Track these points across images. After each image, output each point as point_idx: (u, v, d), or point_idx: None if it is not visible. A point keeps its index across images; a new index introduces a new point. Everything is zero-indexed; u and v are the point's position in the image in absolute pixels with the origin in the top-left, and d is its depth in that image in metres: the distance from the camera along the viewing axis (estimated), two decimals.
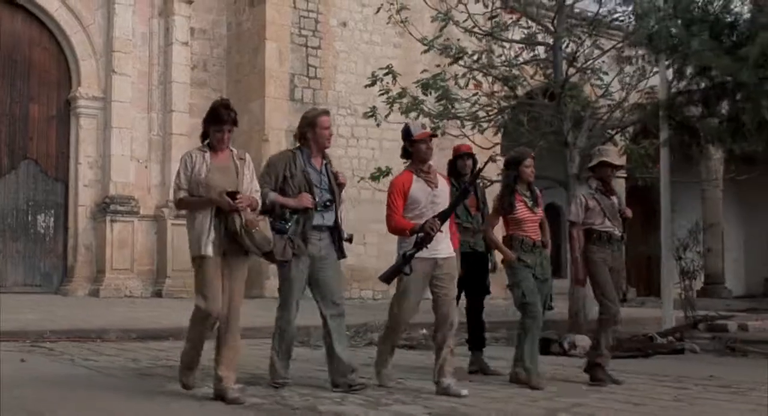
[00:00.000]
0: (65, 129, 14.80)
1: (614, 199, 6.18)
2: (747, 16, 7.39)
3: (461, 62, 11.49)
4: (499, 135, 12.88)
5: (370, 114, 11.74)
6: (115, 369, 6.27)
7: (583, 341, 7.90)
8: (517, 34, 12.31)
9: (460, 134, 11.40)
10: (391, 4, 11.59)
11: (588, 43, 11.82)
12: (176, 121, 15.27)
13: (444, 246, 5.31)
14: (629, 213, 6.20)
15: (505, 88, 11.46)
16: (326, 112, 5.50)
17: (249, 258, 4.94)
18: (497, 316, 9.49)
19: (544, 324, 6.18)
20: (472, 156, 6.86)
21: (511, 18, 12.24)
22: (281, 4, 15.49)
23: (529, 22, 11.94)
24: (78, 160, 14.68)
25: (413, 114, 11.75)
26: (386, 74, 11.56)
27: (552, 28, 11.58)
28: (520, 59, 12.23)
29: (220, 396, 4.77)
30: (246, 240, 4.70)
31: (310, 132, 5.29)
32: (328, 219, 5.27)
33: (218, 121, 4.81)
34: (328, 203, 5.25)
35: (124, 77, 14.84)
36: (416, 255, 5.21)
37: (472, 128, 11.79)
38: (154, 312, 11.20)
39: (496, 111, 11.83)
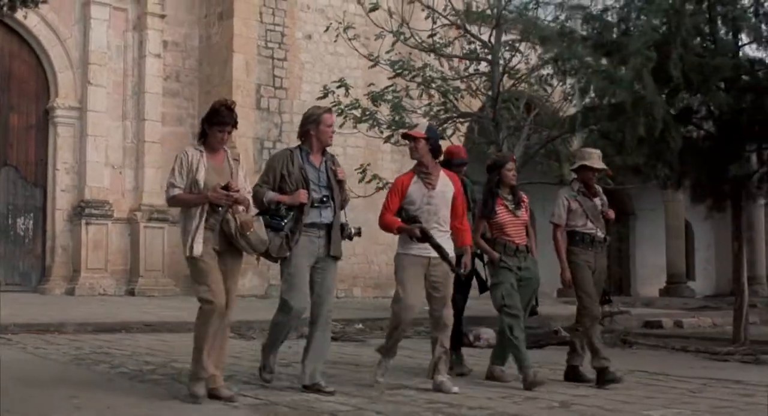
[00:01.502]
0: (44, 137, 15.70)
1: (597, 200, 6.19)
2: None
3: (405, 76, 12.37)
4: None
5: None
6: (57, 355, 7.13)
7: (487, 334, 8.75)
8: (459, 50, 13.22)
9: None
10: (339, 23, 12.49)
11: (531, 56, 12.71)
12: (149, 129, 16.19)
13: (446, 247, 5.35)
14: (612, 214, 6.23)
15: (444, 100, 12.30)
16: (330, 110, 5.56)
17: (243, 257, 4.93)
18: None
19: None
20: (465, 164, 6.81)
21: (460, 33, 13.12)
22: (248, 18, 16.39)
23: (471, 37, 12.84)
24: (56, 166, 15.59)
25: (365, 124, 12.70)
26: (339, 87, 12.44)
27: (490, 44, 12.48)
28: (462, 73, 13.13)
29: (213, 395, 4.73)
30: (241, 242, 4.70)
31: (314, 129, 5.27)
32: (326, 216, 5.24)
33: (221, 122, 4.83)
34: (324, 199, 5.22)
35: (99, 88, 15.75)
36: (408, 253, 5.35)
37: None
38: (118, 308, 12.08)
39: (439, 122, 12.71)
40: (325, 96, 12.59)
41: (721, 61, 8.02)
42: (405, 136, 5.68)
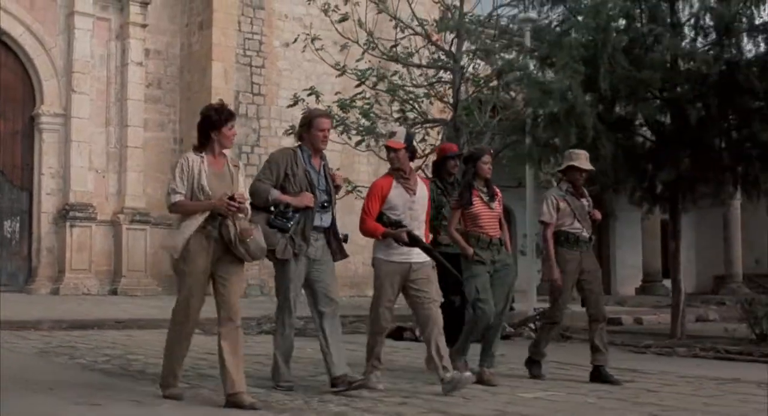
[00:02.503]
0: (29, 143, 16.31)
1: (584, 200, 6.24)
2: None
3: (368, 84, 12.94)
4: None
5: (290, 132, 13.24)
6: (25, 349, 7.71)
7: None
8: (426, 58, 13.80)
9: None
10: (307, 34, 13.09)
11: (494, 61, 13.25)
12: (131, 135, 16.79)
13: (418, 251, 5.33)
14: (598, 215, 6.28)
15: (402, 107, 12.88)
16: (325, 115, 5.56)
17: (244, 262, 4.82)
18: None
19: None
20: (460, 156, 6.96)
21: (425, 43, 13.69)
22: (227, 28, 16.99)
23: (433, 47, 13.43)
24: (41, 170, 16.20)
25: (336, 130, 13.27)
26: (309, 94, 13.03)
27: (452, 53, 13.05)
28: (429, 80, 13.71)
29: (235, 403, 4.56)
30: (240, 249, 4.62)
31: (306, 132, 5.27)
32: (326, 220, 5.26)
33: (229, 118, 4.81)
34: (326, 204, 5.24)
35: (83, 95, 16.35)
36: (389, 259, 5.31)
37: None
38: (96, 307, 12.67)
39: (407, 127, 13.29)
40: (295, 104, 13.18)
41: (648, 74, 8.59)
42: (386, 147, 5.58)
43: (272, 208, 5.06)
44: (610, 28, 8.20)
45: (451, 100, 13.21)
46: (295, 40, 13.52)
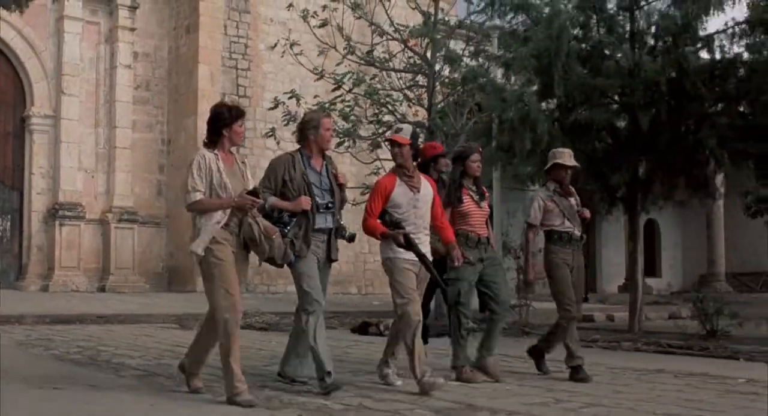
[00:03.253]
0: (20, 143, 16.77)
1: (572, 199, 6.21)
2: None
3: (344, 88, 13.36)
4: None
5: (269, 134, 13.69)
6: (4, 341, 8.13)
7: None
8: (405, 63, 14.21)
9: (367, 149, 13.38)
10: (286, 39, 13.51)
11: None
12: (120, 135, 17.25)
13: (425, 251, 5.33)
14: (587, 214, 6.27)
15: (378, 111, 13.30)
16: (328, 115, 5.67)
17: (248, 262, 4.88)
18: None
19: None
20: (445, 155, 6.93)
21: (403, 48, 14.10)
22: (213, 31, 17.42)
23: (410, 52, 13.84)
24: (31, 170, 16.65)
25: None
26: (290, 98, 13.45)
27: (427, 58, 13.48)
28: (406, 84, 14.12)
29: (231, 400, 4.59)
30: (265, 246, 4.66)
31: (314, 133, 5.26)
32: (329, 221, 5.27)
33: (239, 115, 4.83)
34: (329, 205, 5.24)
35: (72, 97, 16.80)
36: (398, 256, 5.27)
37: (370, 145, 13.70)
38: (81, 303, 13.12)
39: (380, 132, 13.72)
40: (275, 106, 13.61)
41: (602, 81, 9.02)
42: (390, 141, 5.54)
43: (272, 215, 5.08)
44: (563, 38, 8.60)
45: (422, 105, 13.64)
46: (275, 46, 13.91)
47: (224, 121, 4.78)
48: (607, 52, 9.26)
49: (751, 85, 9.48)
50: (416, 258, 5.26)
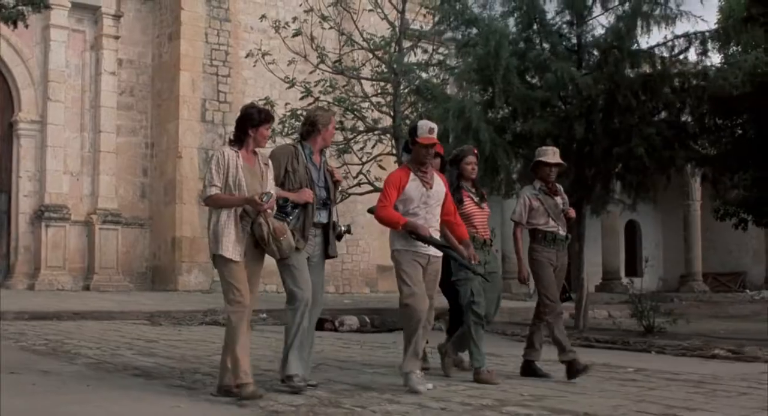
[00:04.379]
0: (8, 148, 17.43)
1: (558, 199, 6.17)
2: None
3: (314, 95, 13.98)
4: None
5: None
6: None
7: (351, 320, 10.42)
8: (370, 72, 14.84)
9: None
10: (259, 49, 14.16)
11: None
12: (105, 140, 17.90)
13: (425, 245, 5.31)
14: (573, 213, 6.23)
15: (344, 118, 13.93)
16: (334, 114, 5.75)
17: (264, 259, 4.96)
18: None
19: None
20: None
21: (371, 57, 14.73)
22: (194, 39, 18.06)
23: (377, 60, 14.47)
24: (19, 174, 17.31)
25: (291, 138, 14.32)
26: (265, 104, 14.07)
27: (393, 67, 14.11)
28: (374, 92, 14.75)
29: (230, 392, 4.73)
30: (273, 246, 4.73)
31: (323, 130, 5.31)
32: (324, 216, 5.29)
33: (268, 119, 4.94)
34: (326, 201, 5.29)
35: (58, 103, 17.45)
36: (409, 248, 5.26)
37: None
38: (63, 301, 13.73)
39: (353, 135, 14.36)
40: None
41: (541, 93, 9.65)
42: (421, 144, 5.37)
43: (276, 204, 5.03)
44: (501, 54, 9.23)
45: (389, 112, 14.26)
46: (248, 56, 14.56)
47: (252, 122, 4.90)
48: (547, 65, 9.85)
49: (686, 95, 10.15)
50: (426, 252, 5.26)
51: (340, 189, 5.92)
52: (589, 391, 5.33)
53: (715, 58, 11.76)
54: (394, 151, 14.03)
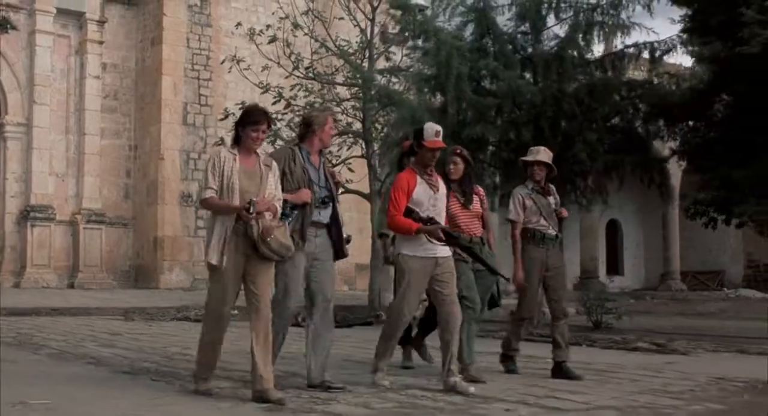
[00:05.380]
0: None
1: (550, 198, 6.19)
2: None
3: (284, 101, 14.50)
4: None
5: (219, 142, 14.85)
6: None
7: None
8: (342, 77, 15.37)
9: None
10: (233, 57, 14.70)
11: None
12: (89, 142, 18.46)
13: (443, 247, 5.31)
14: (565, 213, 6.26)
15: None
16: (333, 113, 5.71)
17: (272, 260, 4.87)
18: None
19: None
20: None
21: (343, 63, 15.26)
22: (176, 44, 18.61)
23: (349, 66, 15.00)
24: (5, 175, 17.87)
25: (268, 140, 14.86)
26: (240, 109, 14.59)
27: (363, 72, 14.64)
28: (348, 96, 15.28)
29: (261, 398, 4.62)
30: (263, 247, 4.71)
31: (320, 131, 5.27)
32: (324, 216, 5.26)
33: (254, 121, 4.81)
34: (326, 200, 5.24)
35: (44, 106, 18.01)
36: (415, 254, 5.26)
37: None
38: (45, 298, 14.26)
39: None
40: (225, 117, 14.76)
41: (491, 101, 10.21)
42: (433, 148, 5.37)
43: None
44: (451, 62, 9.78)
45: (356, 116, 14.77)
46: (223, 62, 15.09)
47: (241, 122, 4.87)
48: (496, 74, 10.40)
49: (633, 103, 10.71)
50: (434, 255, 5.24)
51: (341, 191, 5.85)
52: (495, 378, 5.85)
53: (669, 67, 12.25)
54: (364, 154, 14.58)
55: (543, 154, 6.22)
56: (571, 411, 4.57)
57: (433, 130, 5.34)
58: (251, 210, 4.63)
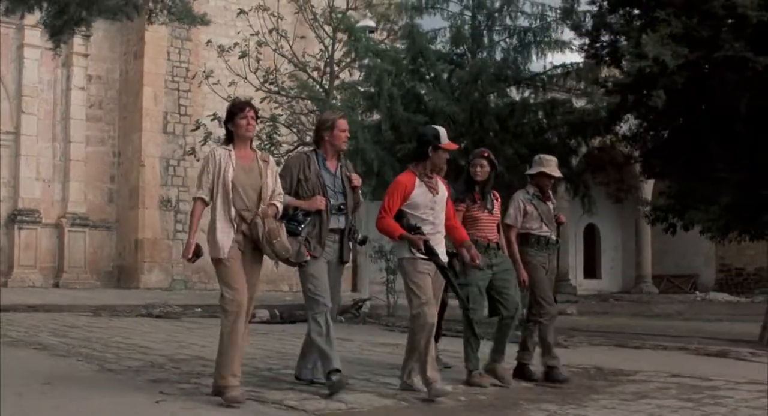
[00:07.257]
0: None
1: (550, 204, 6.24)
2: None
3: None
4: None
5: (190, 152, 15.93)
6: None
7: (262, 313, 11.97)
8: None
9: None
10: (204, 71, 15.76)
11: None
12: (74, 149, 19.57)
13: (440, 251, 5.30)
14: (563, 219, 6.36)
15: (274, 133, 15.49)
16: (344, 116, 5.63)
17: (263, 259, 4.93)
18: None
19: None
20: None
21: (307, 77, 16.28)
22: (157, 57, 19.70)
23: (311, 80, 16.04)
24: None
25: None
26: (212, 120, 15.66)
27: (324, 86, 15.68)
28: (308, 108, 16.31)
29: (217, 392, 4.69)
30: (267, 248, 4.72)
31: (328, 134, 5.26)
32: (341, 222, 5.25)
33: (240, 108, 4.82)
34: (342, 207, 5.23)
35: (31, 116, 19.12)
36: (419, 256, 5.21)
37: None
38: (28, 296, 15.28)
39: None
40: (197, 128, 15.84)
41: (421, 118, 11.24)
42: (441, 149, 5.36)
43: (287, 213, 5.10)
44: (383, 84, 10.82)
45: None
46: (194, 76, 16.16)
47: (228, 116, 4.87)
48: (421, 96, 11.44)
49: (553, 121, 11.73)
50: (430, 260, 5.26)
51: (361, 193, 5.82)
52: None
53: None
54: None
55: (555, 167, 6.28)
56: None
57: (445, 132, 5.42)
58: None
